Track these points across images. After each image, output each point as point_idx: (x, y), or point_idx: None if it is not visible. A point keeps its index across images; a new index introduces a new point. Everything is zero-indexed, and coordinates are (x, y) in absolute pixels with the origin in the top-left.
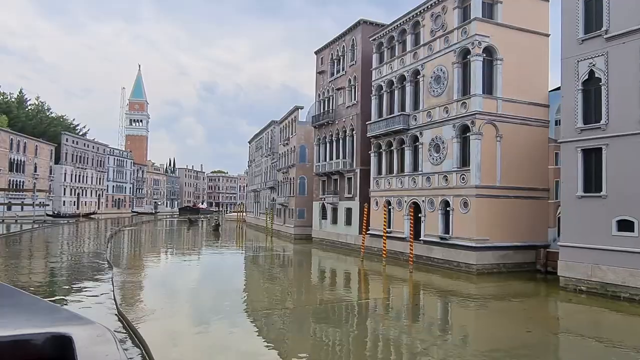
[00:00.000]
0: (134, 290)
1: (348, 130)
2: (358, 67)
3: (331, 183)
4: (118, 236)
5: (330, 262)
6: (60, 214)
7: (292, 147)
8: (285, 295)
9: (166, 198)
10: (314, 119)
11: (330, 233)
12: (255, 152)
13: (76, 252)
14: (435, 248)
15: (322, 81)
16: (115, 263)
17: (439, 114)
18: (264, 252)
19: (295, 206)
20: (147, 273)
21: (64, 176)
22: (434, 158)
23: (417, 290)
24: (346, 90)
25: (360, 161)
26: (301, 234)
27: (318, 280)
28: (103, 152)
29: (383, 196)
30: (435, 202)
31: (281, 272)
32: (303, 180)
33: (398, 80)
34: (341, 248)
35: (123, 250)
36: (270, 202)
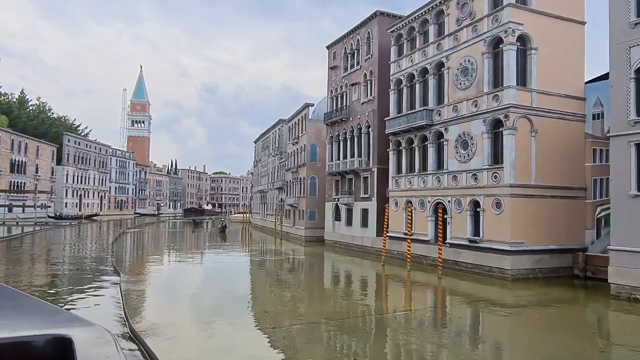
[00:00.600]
0: (143, 302)
1: (364, 127)
2: (374, 61)
3: (345, 183)
4: (122, 239)
5: (347, 267)
6: (62, 215)
7: (302, 146)
8: (305, 308)
9: (169, 199)
10: (326, 117)
11: (345, 235)
12: (262, 152)
13: (79, 256)
14: (463, 252)
15: (335, 77)
16: (121, 268)
17: (467, 108)
18: (274, 255)
19: (306, 207)
20: (155, 281)
21: (65, 177)
22: (462, 155)
23: (453, 300)
24: (361, 85)
25: (377, 160)
26: (312, 236)
27: (338, 289)
28: (105, 153)
29: (403, 196)
30: (463, 202)
31: (296, 279)
32: (314, 180)
33: (419, 74)
34: (356, 251)
35: (128, 254)
36: (278, 203)
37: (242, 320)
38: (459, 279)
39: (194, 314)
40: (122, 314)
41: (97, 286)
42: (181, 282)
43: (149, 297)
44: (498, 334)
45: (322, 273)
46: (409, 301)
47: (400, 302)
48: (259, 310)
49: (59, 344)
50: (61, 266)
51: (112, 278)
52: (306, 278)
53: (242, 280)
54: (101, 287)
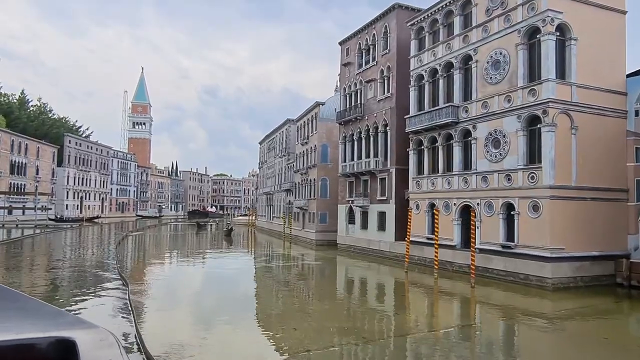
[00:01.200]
0: (156, 317)
1: (380, 126)
2: (392, 56)
3: (360, 184)
4: (125, 243)
5: (366, 274)
6: (63, 218)
7: (312, 146)
8: (332, 323)
9: (170, 201)
10: (339, 115)
11: (359, 239)
12: (267, 153)
13: (83, 262)
14: (494, 258)
15: (348, 74)
16: (128, 276)
17: (499, 103)
18: (286, 261)
19: (317, 210)
20: (164, 291)
21: (66, 179)
22: (493, 154)
23: (496, 313)
24: (377, 82)
25: (395, 160)
26: (323, 240)
27: (365, 301)
28: (107, 155)
29: (425, 199)
30: (495, 205)
31: (316, 289)
32: (325, 181)
33: (443, 68)
34: (373, 256)
35: (133, 259)
36: (286, 205)
37: (269, 342)
38: (492, 287)
39: (212, 332)
40: (132, 328)
41: (102, 297)
42: (193, 294)
43: (161, 310)
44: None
45: (342, 281)
46: (449, 315)
47: (439, 316)
48: (287, 327)
49: (62, 347)
50: (62, 273)
51: (119, 288)
52: (326, 287)
53: (259, 292)
54: (107, 297)
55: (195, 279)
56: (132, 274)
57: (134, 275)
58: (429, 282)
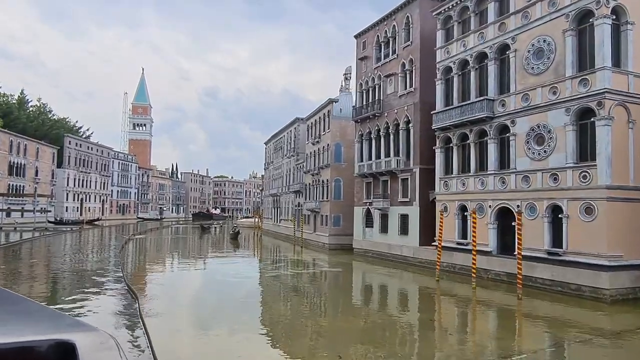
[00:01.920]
0: (174, 343)
1: (401, 122)
2: (415, 48)
3: (379, 185)
4: (129, 247)
5: (393, 283)
6: (62, 220)
7: (324, 146)
8: (371, 347)
9: (171, 203)
10: (355, 112)
11: (378, 244)
12: (274, 154)
13: (85, 269)
14: (538, 265)
15: (365, 68)
16: (135, 286)
17: (543, 96)
18: (301, 268)
19: (330, 212)
20: (178, 306)
21: (66, 180)
22: (535, 152)
23: (560, 333)
24: (398, 76)
25: (419, 159)
26: (337, 244)
27: (401, 316)
28: (107, 156)
29: (455, 200)
30: (538, 207)
31: (344, 301)
32: (339, 182)
33: (475, 59)
34: (394, 262)
35: (140, 267)
36: (294, 207)
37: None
38: (539, 299)
39: (236, 356)
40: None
41: (109, 315)
42: (208, 311)
43: (178, 331)
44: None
45: (367, 292)
46: (509, 335)
47: (499, 337)
48: (331, 355)
49: (61, 349)
50: (63, 282)
51: (128, 302)
52: (352, 299)
53: (281, 309)
54: (115, 316)
55: (207, 291)
56: (140, 284)
57: (141, 285)
58: (465, 292)
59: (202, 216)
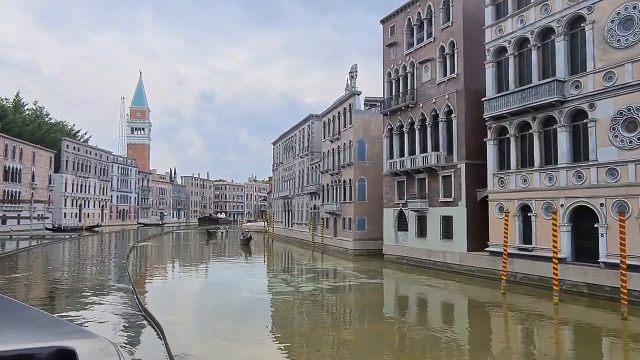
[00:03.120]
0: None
1: (441, 113)
2: (457, 29)
3: (414, 184)
4: (135, 256)
5: (447, 297)
6: (60, 227)
7: (345, 143)
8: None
9: (172, 208)
10: (383, 104)
11: (415, 249)
12: (283, 154)
13: (90, 286)
14: (634, 275)
15: (393, 56)
16: (157, 312)
17: (634, 73)
18: (330, 278)
19: (354, 215)
20: (219, 347)
21: (64, 186)
22: (625, 140)
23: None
24: (436, 61)
25: (465, 153)
26: (362, 249)
27: (501, 346)
28: (106, 160)
29: (514, 199)
30: (632, 205)
31: (407, 326)
32: (362, 182)
33: (538, 36)
34: (434, 270)
35: (151, 282)
36: (310, 210)
37: None
38: (636, 316)
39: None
40: None
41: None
42: (250, 348)
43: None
44: None
45: (427, 309)
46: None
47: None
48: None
49: (62, 356)
50: (61, 306)
51: (152, 341)
52: (411, 322)
53: (339, 339)
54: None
55: (245, 317)
56: (156, 302)
57: (162, 314)
58: (543, 308)
59: (208, 220)
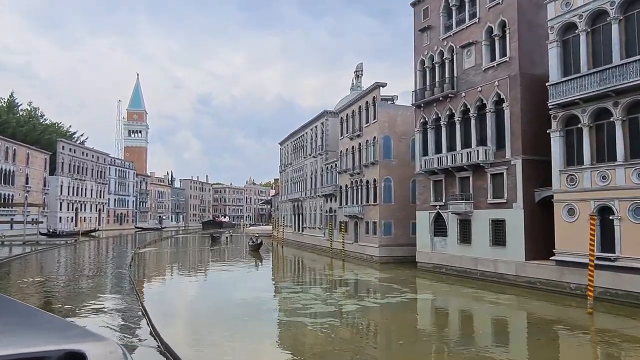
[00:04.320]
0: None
1: (489, 102)
2: (509, 6)
3: (455, 184)
4: (138, 265)
5: (531, 318)
6: (56, 232)
7: (369, 140)
8: None
9: (171, 212)
10: (416, 95)
11: (456, 257)
12: (292, 155)
13: (90, 309)
14: None
15: (427, 41)
16: (180, 346)
17: None
18: (371, 294)
19: (380, 218)
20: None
21: (60, 189)
22: None
23: None
24: (482, 44)
25: (521, 147)
26: (388, 257)
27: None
28: (104, 162)
29: (589, 199)
30: None
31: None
32: (388, 182)
33: (619, 8)
34: (483, 280)
35: (162, 299)
36: (325, 214)
37: None
38: None
39: None
40: None
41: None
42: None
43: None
44: None
45: (530, 339)
46: None
47: None
48: None
49: (72, 359)
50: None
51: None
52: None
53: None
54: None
55: (287, 344)
56: (185, 345)
57: (188, 347)
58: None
59: (212, 224)
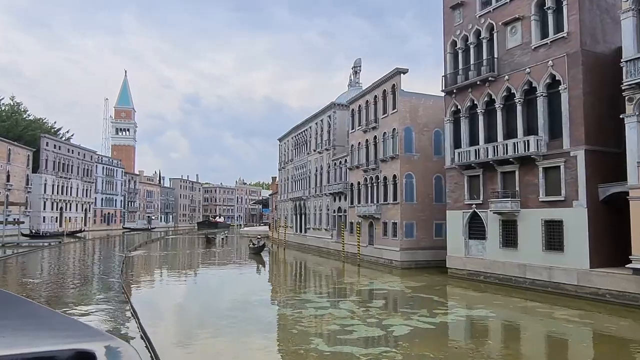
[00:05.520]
0: None
1: (541, 85)
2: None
3: (495, 179)
4: (129, 270)
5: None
6: (39, 233)
7: (387, 132)
8: None
9: (160, 212)
10: (447, 81)
11: (497, 263)
12: (293, 151)
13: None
14: None
15: (460, 19)
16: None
17: None
18: (416, 309)
19: (401, 219)
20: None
21: (43, 187)
22: None
23: None
24: (531, 19)
25: (584, 136)
26: (410, 261)
27: None
28: (90, 160)
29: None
30: None
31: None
32: (410, 179)
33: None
34: (532, 291)
35: (165, 320)
36: (333, 214)
37: None
38: None
39: None
40: None
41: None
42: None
43: None
44: None
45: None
46: None
47: None
48: None
49: (81, 359)
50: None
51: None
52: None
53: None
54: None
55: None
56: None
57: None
58: None
59: (207, 224)
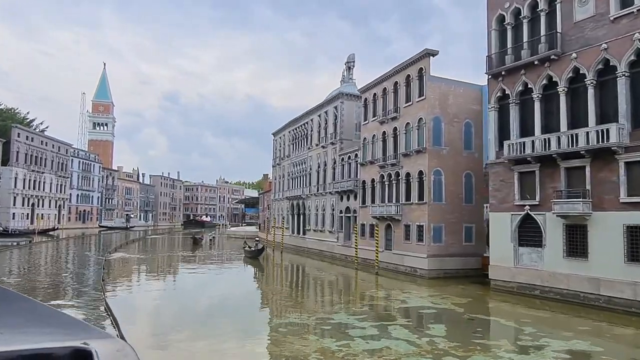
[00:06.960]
0: None
1: (622, 64)
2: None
3: (558, 176)
4: (114, 281)
5: None
6: (7, 230)
7: (410, 123)
8: None
9: (139, 210)
10: (491, 62)
11: (559, 275)
12: (290, 146)
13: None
14: None
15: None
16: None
17: None
18: (491, 340)
19: (428, 221)
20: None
21: (14, 181)
22: None
23: None
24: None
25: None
26: (438, 270)
27: None
28: (65, 153)
29: None
30: None
31: None
32: (439, 176)
33: None
34: (609, 310)
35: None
36: (339, 214)
37: None
38: None
39: None
40: None
41: None
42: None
43: None
44: None
45: None
46: None
47: None
48: None
49: (79, 356)
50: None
51: None
52: None
53: None
54: None
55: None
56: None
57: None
58: None
59: (194, 223)
